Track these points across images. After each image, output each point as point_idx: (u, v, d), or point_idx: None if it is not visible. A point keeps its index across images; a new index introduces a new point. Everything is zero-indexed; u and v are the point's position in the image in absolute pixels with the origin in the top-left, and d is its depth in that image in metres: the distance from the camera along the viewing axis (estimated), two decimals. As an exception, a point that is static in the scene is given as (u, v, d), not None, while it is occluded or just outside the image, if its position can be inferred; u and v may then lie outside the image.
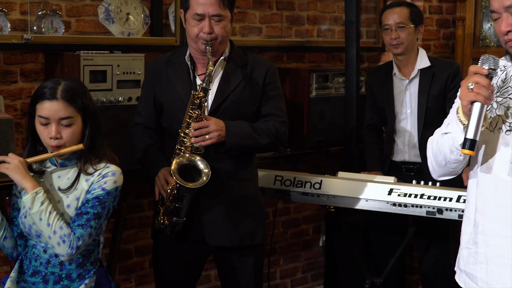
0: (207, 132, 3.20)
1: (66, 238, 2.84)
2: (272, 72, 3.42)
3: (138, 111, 3.48)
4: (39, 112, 2.89)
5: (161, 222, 3.29)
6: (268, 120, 3.38)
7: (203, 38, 3.24)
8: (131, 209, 4.18)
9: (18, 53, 3.71)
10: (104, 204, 2.92)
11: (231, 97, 3.32)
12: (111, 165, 2.96)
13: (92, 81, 3.64)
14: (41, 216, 2.83)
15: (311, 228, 5.20)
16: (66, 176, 2.98)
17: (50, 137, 2.87)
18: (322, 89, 4.68)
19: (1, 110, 3.51)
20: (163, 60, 3.43)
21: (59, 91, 2.87)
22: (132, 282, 4.35)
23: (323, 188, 3.98)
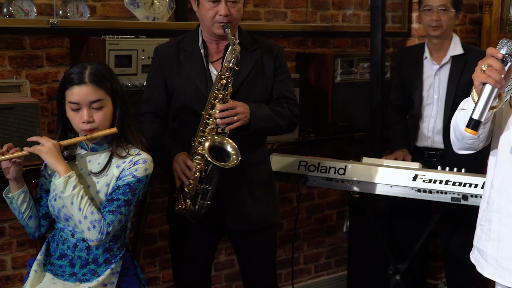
0: (235, 113, 3.20)
1: (97, 224, 2.86)
2: (281, 55, 3.45)
3: (146, 99, 3.44)
4: (69, 98, 2.91)
5: (183, 207, 3.30)
6: (281, 103, 3.41)
7: (219, 21, 3.24)
8: (155, 193, 4.20)
9: (44, 37, 3.73)
10: (135, 191, 2.94)
11: (244, 84, 3.32)
12: (143, 153, 2.98)
13: (117, 66, 3.66)
14: (72, 200, 2.85)
15: (335, 213, 5.20)
16: (97, 160, 3.01)
17: (83, 121, 2.90)
18: (347, 75, 4.66)
19: (27, 94, 3.53)
20: (172, 47, 3.40)
21: (86, 75, 2.90)
22: (156, 266, 4.37)
23: (347, 173, 3.98)
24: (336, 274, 5.27)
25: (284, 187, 4.81)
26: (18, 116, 3.38)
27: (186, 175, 3.24)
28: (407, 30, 5.22)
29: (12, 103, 3.39)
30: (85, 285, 2.94)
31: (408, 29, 5.22)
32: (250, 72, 3.35)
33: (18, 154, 2.92)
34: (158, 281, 4.40)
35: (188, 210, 3.29)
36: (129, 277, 3.08)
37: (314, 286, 5.16)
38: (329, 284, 5.22)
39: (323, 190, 5.07)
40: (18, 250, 3.85)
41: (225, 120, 3.20)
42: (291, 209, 4.89)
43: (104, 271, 2.98)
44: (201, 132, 3.25)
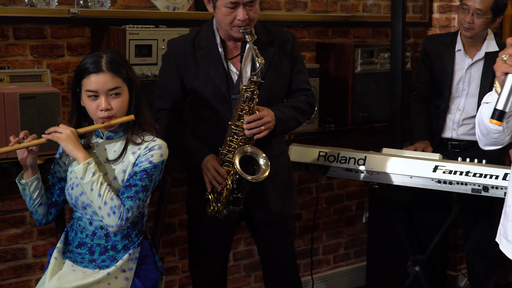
0: (262, 123, 3.24)
1: (116, 210, 2.89)
2: (296, 45, 3.48)
3: (161, 95, 3.44)
4: (86, 87, 2.93)
5: (215, 210, 3.35)
6: (299, 96, 3.45)
7: (238, 25, 3.24)
8: (175, 183, 4.21)
9: (65, 27, 3.75)
10: (151, 177, 2.97)
11: (267, 76, 3.33)
12: (157, 139, 3.00)
13: (138, 55, 3.66)
14: (92, 187, 2.88)
15: (354, 204, 5.20)
16: (113, 148, 3.03)
17: (101, 109, 2.92)
18: (367, 65, 4.65)
19: (48, 83, 3.55)
20: (187, 44, 3.40)
21: (103, 63, 2.92)
22: (175, 256, 4.39)
23: (367, 164, 3.98)
24: (355, 265, 5.27)
25: (304, 177, 4.81)
26: (39, 106, 3.40)
27: (218, 181, 3.30)
28: (428, 20, 5.20)
29: (33, 93, 3.41)
30: (104, 271, 2.96)
31: (429, 19, 5.19)
32: (270, 67, 3.36)
33: (36, 142, 2.94)
34: (178, 270, 4.42)
35: (222, 213, 3.36)
36: (148, 265, 3.10)
37: (333, 277, 5.17)
38: (348, 274, 5.23)
39: (342, 180, 5.06)
40: (38, 238, 3.88)
41: (253, 131, 3.25)
42: (310, 200, 4.90)
43: (122, 256, 3.00)
44: (229, 142, 3.29)
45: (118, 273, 2.97)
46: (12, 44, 3.61)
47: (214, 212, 3.36)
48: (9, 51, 3.61)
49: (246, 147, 3.27)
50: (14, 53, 3.62)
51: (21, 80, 3.49)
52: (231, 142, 3.28)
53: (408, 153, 4.06)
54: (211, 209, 3.37)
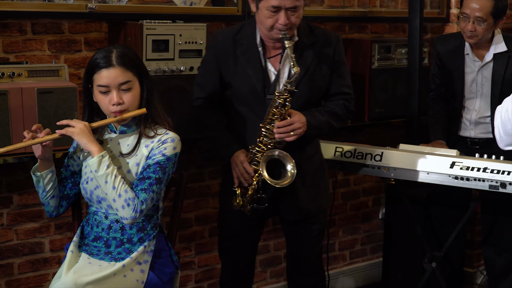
0: (292, 129, 3.28)
1: (131, 202, 2.91)
2: (339, 48, 3.46)
3: (200, 84, 3.50)
4: (97, 82, 2.95)
5: (240, 204, 3.41)
6: (338, 100, 3.45)
7: (278, 28, 3.25)
8: (191, 178, 4.23)
9: (82, 22, 3.77)
10: (165, 170, 2.99)
11: (303, 81, 3.33)
12: (170, 132, 3.03)
13: (155, 51, 3.68)
14: (106, 179, 2.91)
15: (370, 200, 5.20)
16: (126, 142, 3.05)
17: (113, 103, 2.94)
18: (384, 60, 4.64)
19: (65, 78, 3.57)
20: (229, 38, 3.42)
21: (113, 57, 2.95)
22: (192, 251, 4.41)
23: (383, 160, 3.98)
24: (371, 261, 5.28)
25: (320, 173, 4.81)
26: (57, 100, 3.43)
27: (245, 178, 3.36)
28: (446, 16, 5.18)
29: (50, 87, 3.43)
30: (120, 263, 2.98)
31: (447, 15, 5.17)
32: (309, 69, 3.37)
33: (49, 137, 2.96)
34: (194, 265, 4.44)
35: (246, 208, 3.42)
36: (163, 259, 3.12)
37: (349, 273, 5.17)
38: (364, 270, 5.23)
39: (359, 176, 5.07)
40: (56, 233, 3.91)
41: (282, 136, 3.29)
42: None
43: (138, 248, 3.03)
44: (258, 143, 3.34)
45: (133, 265, 3.00)
46: (30, 39, 3.64)
47: (239, 206, 3.42)
48: (27, 46, 3.63)
49: (275, 150, 3.32)
50: (32, 48, 3.65)
51: (38, 75, 3.51)
52: (261, 144, 3.33)
53: (425, 149, 4.06)
54: (236, 202, 3.43)
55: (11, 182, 3.72)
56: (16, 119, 3.35)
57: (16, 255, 3.82)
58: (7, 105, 3.33)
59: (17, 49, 3.61)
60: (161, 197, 3.12)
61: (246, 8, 4.17)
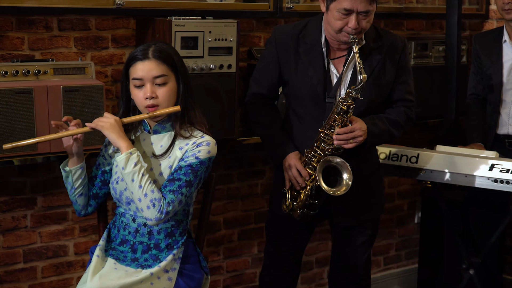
0: (352, 137, 3.26)
1: (156, 202, 2.90)
2: (405, 54, 3.44)
3: (257, 79, 3.50)
4: (132, 75, 2.97)
5: (290, 207, 3.41)
6: (399, 107, 3.43)
7: (347, 32, 3.23)
8: (220, 180, 4.23)
9: (110, 18, 3.78)
10: (197, 173, 2.97)
11: (367, 85, 3.31)
12: (206, 135, 3.01)
13: (183, 48, 3.69)
14: (133, 177, 2.90)
15: (406, 203, 5.18)
16: (159, 143, 3.05)
17: (146, 97, 2.95)
18: (421, 58, 4.63)
19: (92, 76, 3.59)
20: (292, 36, 3.41)
21: (150, 51, 2.97)
22: (220, 255, 4.41)
23: (420, 162, 3.96)
24: (406, 267, 5.25)
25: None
26: (83, 99, 3.44)
27: (298, 181, 3.35)
28: (485, 12, 5.14)
29: (77, 86, 3.45)
30: (147, 271, 2.98)
31: (486, 11, 5.14)
32: (373, 73, 3.35)
33: (79, 130, 2.96)
34: (222, 270, 4.44)
35: (296, 213, 3.41)
36: (191, 264, 3.11)
37: (383, 279, 5.15)
38: (399, 277, 5.21)
39: (394, 179, 5.04)
40: (80, 235, 3.93)
41: (341, 143, 3.27)
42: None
43: (166, 256, 3.03)
44: (316, 147, 3.32)
45: (161, 274, 2.99)
46: (56, 36, 3.66)
47: (289, 210, 3.41)
48: (53, 43, 3.65)
49: (335, 157, 3.30)
50: (58, 45, 3.67)
51: (64, 72, 3.53)
52: (317, 149, 3.32)
53: (463, 150, 4.03)
54: (285, 205, 3.43)
55: (35, 183, 3.75)
56: (41, 118, 3.36)
57: (40, 258, 3.84)
58: (32, 103, 3.35)
59: (43, 46, 3.63)
60: (192, 202, 3.10)
61: (278, 4, 4.16)
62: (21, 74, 3.43)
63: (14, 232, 3.76)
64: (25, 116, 3.35)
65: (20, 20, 3.56)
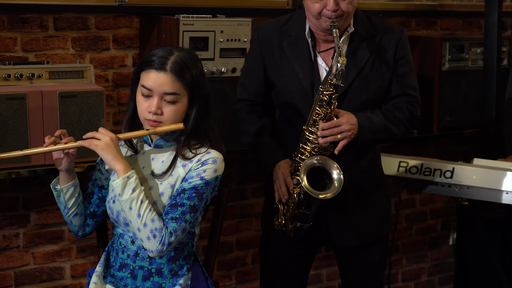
0: (338, 131, 3.22)
1: (157, 233, 2.86)
2: (403, 43, 3.39)
3: (243, 83, 3.48)
4: (143, 81, 2.91)
5: (282, 223, 3.37)
6: (399, 102, 3.38)
7: (326, 15, 3.23)
8: (232, 196, 4.23)
9: (111, 16, 3.80)
10: (202, 196, 2.93)
11: (358, 79, 3.29)
12: (212, 151, 2.95)
13: (192, 49, 3.70)
14: (131, 205, 2.86)
15: (439, 223, 5.17)
16: (160, 159, 3.01)
17: (149, 110, 2.90)
18: (457, 61, 4.62)
19: (91, 80, 3.60)
20: (275, 30, 3.41)
21: (169, 62, 2.88)
22: (232, 279, 4.41)
23: (455, 177, 3.95)
24: (440, 294, 5.25)
25: (381, 191, 4.80)
26: (81, 106, 3.46)
27: (282, 192, 3.31)
28: (529, 10, 5.16)
29: (74, 91, 3.46)
30: (150, 301, 2.98)
31: (530, 9, 5.15)
32: (365, 65, 3.33)
33: (71, 145, 2.92)
34: (234, 296, 4.46)
35: (287, 228, 3.36)
36: (199, 292, 3.11)
37: (414, 307, 5.15)
38: (431, 305, 5.21)
39: (426, 196, 5.03)
40: (78, 257, 3.94)
41: (328, 139, 3.22)
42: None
43: (171, 286, 3.01)
44: (301, 149, 3.28)
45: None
46: (51, 35, 3.69)
47: (281, 226, 3.37)
48: (49, 43, 3.68)
49: (314, 157, 3.25)
50: (54, 46, 3.69)
51: (61, 76, 3.55)
52: (304, 150, 3.27)
53: (503, 164, 4.02)
54: (278, 221, 3.38)
55: (29, 198, 3.76)
56: (35, 126, 3.38)
57: (33, 281, 3.85)
58: (26, 110, 3.37)
59: (37, 47, 3.66)
60: (197, 222, 3.08)
61: (297, 1, 4.17)
62: (14, 78, 3.46)
63: (5, 253, 3.78)
64: (18, 124, 3.37)
65: (12, 18, 3.59)
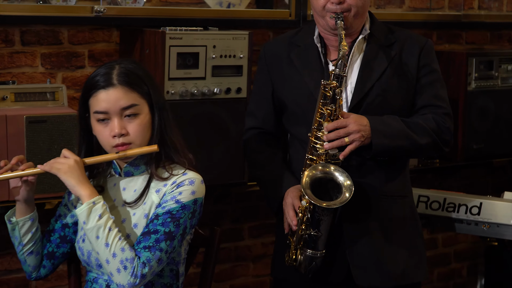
0: (345, 133, 3.17)
1: (129, 264, 2.86)
2: (427, 51, 3.39)
3: (251, 110, 3.49)
4: (94, 108, 2.92)
5: (293, 258, 3.32)
6: (425, 113, 3.35)
7: (331, 10, 3.25)
8: (226, 236, 4.23)
9: (87, 29, 3.82)
10: (178, 221, 2.92)
11: (375, 88, 3.29)
12: (189, 172, 2.96)
13: (180, 67, 3.71)
14: (98, 233, 2.86)
15: (465, 267, 5.17)
16: (133, 188, 3.02)
17: (113, 134, 2.91)
18: (485, 80, 4.64)
19: (63, 103, 3.61)
20: (283, 42, 3.43)
21: (114, 75, 2.91)
22: (227, 333, 4.41)
23: (483, 213, 3.96)
24: None
25: (398, 229, 4.80)
26: (51, 132, 3.46)
27: (290, 219, 3.26)
28: None
29: (43, 115, 3.47)
30: None
31: None
32: (384, 73, 3.33)
33: (30, 172, 2.94)
34: None
35: (298, 261, 3.31)
36: None
37: None
38: None
39: (450, 235, 5.04)
40: (47, 305, 3.94)
41: (334, 144, 3.18)
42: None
43: None
44: (308, 160, 3.26)
45: None
46: (18, 51, 3.70)
47: (291, 261, 3.33)
48: (15, 60, 3.69)
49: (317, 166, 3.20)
50: (20, 63, 3.70)
51: (29, 98, 3.56)
52: (311, 162, 3.25)
53: (539, 199, 4.03)
54: (288, 256, 3.34)
55: (-11, 239, 3.77)
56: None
57: (-5, 336, 3.85)
58: (-13, 137, 3.38)
59: (2, 65, 3.67)
60: (181, 259, 3.07)
61: (301, 11, 4.18)
62: (-26, 100, 3.47)
63: (-38, 303, 3.77)
64: (-22, 153, 3.37)
65: (-28, 31, 3.60)
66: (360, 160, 3.26)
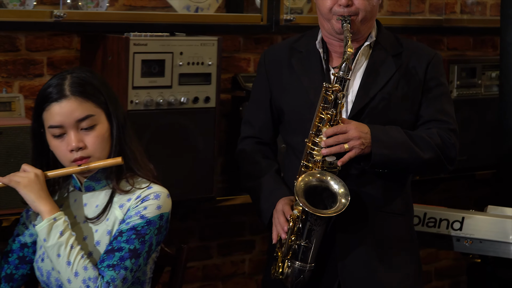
0: (345, 139, 3.18)
1: (92, 283, 2.85)
2: (436, 64, 3.40)
3: (247, 119, 3.51)
4: (48, 122, 2.90)
5: (279, 271, 3.32)
6: (430, 128, 3.38)
7: (338, 13, 3.27)
8: (194, 254, 4.23)
9: (45, 35, 3.81)
10: (144, 238, 2.92)
11: (379, 97, 3.31)
12: (154, 185, 2.96)
13: (145, 75, 3.71)
14: (59, 251, 2.84)
15: (447, 286, 5.19)
16: (94, 203, 3.01)
17: (70, 148, 2.90)
18: (467, 88, 4.66)
19: (20, 114, 3.60)
20: (283, 47, 3.46)
21: (66, 86, 2.89)
22: None
23: (465, 228, 3.97)
24: None
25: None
26: (7, 144, 3.45)
27: (281, 227, 3.25)
28: (554, 26, 5.20)
29: (0, 127, 3.47)
30: None
31: (555, 24, 5.20)
32: (388, 82, 3.34)
33: None
34: None
35: (285, 274, 3.31)
36: None
37: None
38: None
39: (430, 252, 5.05)
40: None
41: (332, 150, 3.18)
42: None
43: None
44: (304, 168, 3.26)
45: None
46: (-29, 59, 3.70)
47: (278, 274, 3.32)
48: (-33, 68, 3.69)
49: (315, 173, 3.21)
50: (-27, 71, 3.70)
51: (-17, 108, 3.56)
52: (306, 169, 3.26)
53: (523, 213, 4.06)
54: (274, 270, 3.33)
55: None
56: (-50, 170, 3.37)
57: None
58: None
59: (-46, 73, 3.67)
60: (146, 279, 3.07)
61: (273, 16, 4.18)
62: None
63: None
64: None
65: None
66: (359, 169, 3.27)
